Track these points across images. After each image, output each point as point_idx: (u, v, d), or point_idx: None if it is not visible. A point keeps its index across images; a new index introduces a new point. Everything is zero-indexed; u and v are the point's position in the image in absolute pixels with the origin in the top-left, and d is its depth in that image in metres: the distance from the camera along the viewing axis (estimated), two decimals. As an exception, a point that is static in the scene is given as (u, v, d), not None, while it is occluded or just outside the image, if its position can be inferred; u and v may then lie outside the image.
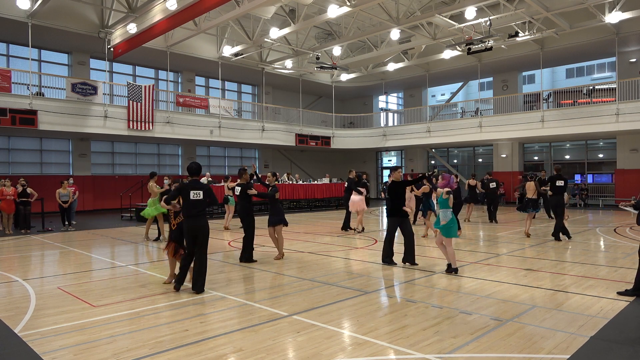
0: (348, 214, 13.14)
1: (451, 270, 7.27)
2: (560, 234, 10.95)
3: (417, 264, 7.96)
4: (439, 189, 7.50)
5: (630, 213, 15.65)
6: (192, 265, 6.46)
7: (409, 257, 8.00)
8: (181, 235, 6.54)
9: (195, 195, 6.29)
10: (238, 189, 8.63)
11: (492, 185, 15.47)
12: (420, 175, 8.30)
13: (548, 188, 11.45)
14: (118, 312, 5.40)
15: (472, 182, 15.23)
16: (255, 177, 9.83)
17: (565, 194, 12.95)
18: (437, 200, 7.65)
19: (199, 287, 6.24)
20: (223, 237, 12.27)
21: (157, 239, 11.52)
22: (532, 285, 6.46)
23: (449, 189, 7.41)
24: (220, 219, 17.92)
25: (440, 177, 7.59)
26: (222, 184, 15.97)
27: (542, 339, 4.33)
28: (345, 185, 13.24)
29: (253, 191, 8.37)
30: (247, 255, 8.55)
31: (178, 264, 6.62)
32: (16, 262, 8.99)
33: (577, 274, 7.18)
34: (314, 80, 27.21)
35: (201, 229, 6.29)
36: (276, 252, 9.03)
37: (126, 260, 9.00)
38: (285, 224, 8.62)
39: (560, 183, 10.94)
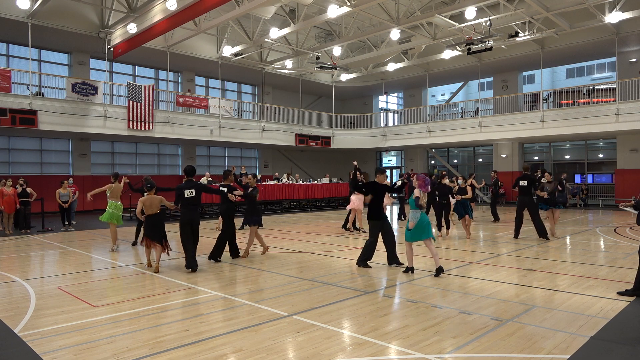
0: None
1: (408, 269, 7.34)
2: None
3: (402, 264, 7.84)
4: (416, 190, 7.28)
5: (630, 213, 15.65)
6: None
7: (394, 258, 7.98)
8: (150, 229, 7.79)
9: (189, 193, 7.69)
10: (224, 190, 8.67)
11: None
12: (399, 181, 8.11)
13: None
14: (118, 312, 5.40)
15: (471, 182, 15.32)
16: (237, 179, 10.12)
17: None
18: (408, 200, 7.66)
19: (194, 262, 7.61)
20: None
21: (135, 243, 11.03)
22: (532, 285, 6.46)
23: (418, 192, 7.20)
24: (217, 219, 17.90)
25: (415, 177, 7.45)
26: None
27: (542, 339, 4.33)
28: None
29: (236, 194, 8.57)
30: (218, 253, 8.65)
31: (154, 252, 7.98)
32: (16, 262, 8.99)
33: (577, 274, 7.18)
34: (314, 80, 27.22)
35: (195, 218, 7.80)
36: (260, 249, 9.28)
37: (126, 260, 9.00)
38: (260, 225, 9.00)
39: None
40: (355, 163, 10.24)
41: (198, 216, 7.88)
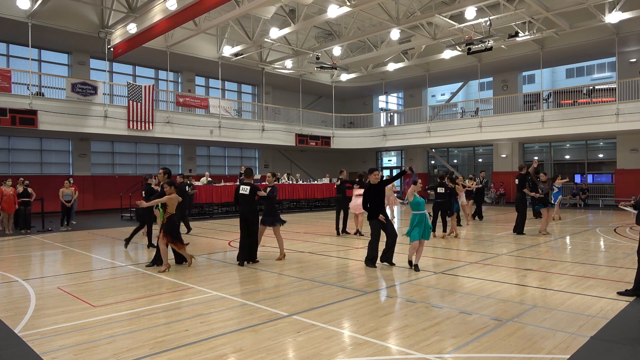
0: (345, 215, 12.81)
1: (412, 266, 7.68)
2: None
3: (394, 264, 7.96)
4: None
5: (630, 213, 15.65)
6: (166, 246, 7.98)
7: (389, 257, 8.04)
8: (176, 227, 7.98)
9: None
10: (247, 189, 8.29)
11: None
12: (398, 173, 8.26)
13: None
14: (118, 312, 5.40)
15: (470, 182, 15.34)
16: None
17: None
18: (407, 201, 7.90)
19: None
20: (224, 237, 12.26)
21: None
22: (532, 285, 6.47)
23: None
24: (220, 218, 17.91)
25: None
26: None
27: (542, 339, 4.33)
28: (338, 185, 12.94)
29: (262, 192, 8.31)
30: (253, 255, 8.40)
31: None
32: (16, 262, 8.99)
33: (577, 274, 7.18)
34: (314, 80, 27.21)
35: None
36: (273, 252, 9.09)
37: (126, 260, 9.00)
38: (282, 223, 8.71)
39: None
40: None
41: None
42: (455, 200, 11.64)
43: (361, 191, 12.06)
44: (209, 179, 18.98)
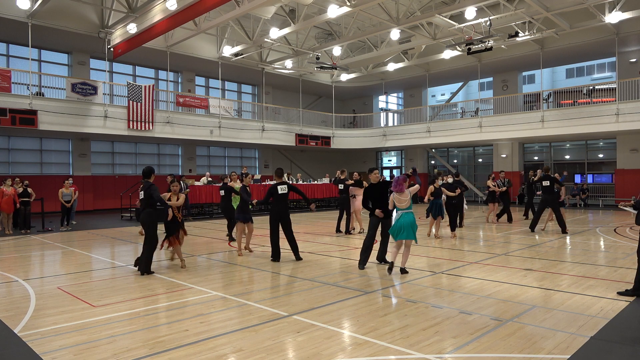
0: (348, 216, 12.76)
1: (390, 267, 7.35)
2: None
3: (388, 262, 7.85)
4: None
5: (630, 213, 15.65)
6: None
7: (384, 255, 8.11)
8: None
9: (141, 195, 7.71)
10: (285, 187, 8.63)
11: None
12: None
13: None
14: (118, 312, 5.40)
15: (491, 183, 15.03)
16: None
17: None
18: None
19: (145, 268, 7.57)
20: (224, 237, 12.25)
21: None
22: (532, 285, 6.46)
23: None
24: (221, 218, 17.89)
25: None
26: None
27: (542, 339, 4.33)
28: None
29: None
30: (279, 254, 8.66)
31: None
32: (16, 262, 8.99)
33: (577, 274, 7.18)
34: (314, 80, 27.22)
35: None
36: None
37: (126, 260, 8.99)
38: (244, 221, 9.14)
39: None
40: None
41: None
42: (438, 203, 11.55)
43: (360, 191, 12.11)
44: (209, 179, 18.98)
